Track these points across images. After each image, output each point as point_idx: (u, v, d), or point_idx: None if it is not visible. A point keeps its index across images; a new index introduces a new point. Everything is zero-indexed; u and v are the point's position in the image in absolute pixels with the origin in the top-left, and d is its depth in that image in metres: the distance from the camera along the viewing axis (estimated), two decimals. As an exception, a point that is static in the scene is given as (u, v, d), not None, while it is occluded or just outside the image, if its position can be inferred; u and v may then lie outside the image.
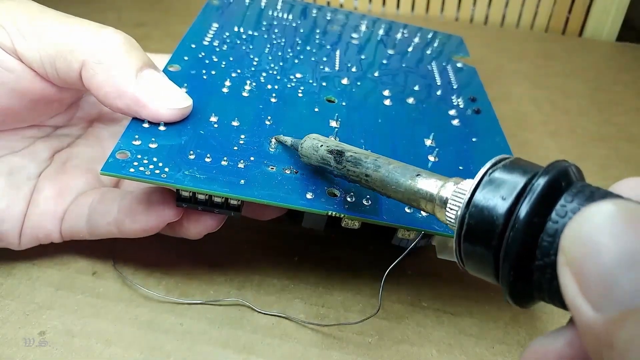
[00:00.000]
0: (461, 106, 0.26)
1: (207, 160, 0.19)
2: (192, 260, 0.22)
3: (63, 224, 0.21)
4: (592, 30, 0.51)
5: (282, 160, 0.20)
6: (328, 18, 0.32)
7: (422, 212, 0.18)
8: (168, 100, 0.19)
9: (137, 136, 0.19)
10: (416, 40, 0.33)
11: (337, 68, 0.27)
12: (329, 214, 0.18)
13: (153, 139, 0.19)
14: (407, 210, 0.19)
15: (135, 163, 0.18)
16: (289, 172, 0.19)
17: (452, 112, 0.25)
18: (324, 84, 0.25)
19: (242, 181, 0.18)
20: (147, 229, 0.19)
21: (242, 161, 0.19)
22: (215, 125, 0.20)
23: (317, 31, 0.30)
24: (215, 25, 0.28)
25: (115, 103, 0.19)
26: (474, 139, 0.24)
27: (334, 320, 0.20)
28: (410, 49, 0.31)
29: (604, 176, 0.30)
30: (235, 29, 0.28)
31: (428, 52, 0.31)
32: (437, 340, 0.20)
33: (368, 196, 0.19)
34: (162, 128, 0.19)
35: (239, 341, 0.19)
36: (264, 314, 0.20)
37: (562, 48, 0.47)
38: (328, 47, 0.29)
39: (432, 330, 0.20)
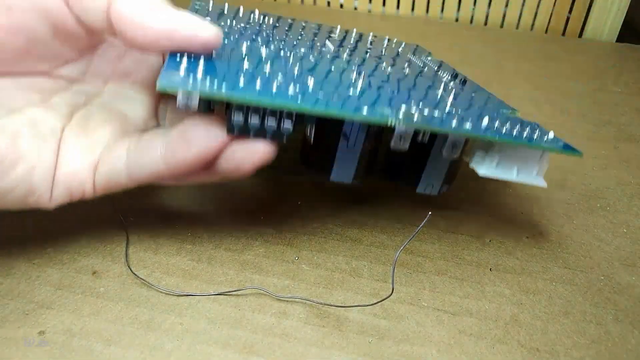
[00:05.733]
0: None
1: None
2: (192, 260, 0.22)
3: (97, 173, 0.20)
4: (592, 31, 0.51)
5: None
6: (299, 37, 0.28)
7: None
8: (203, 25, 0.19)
9: (180, 59, 0.18)
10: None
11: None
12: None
13: (199, 59, 0.18)
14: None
15: (190, 79, 0.17)
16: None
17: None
18: None
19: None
20: (205, 151, 0.18)
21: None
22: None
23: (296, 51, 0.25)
24: None
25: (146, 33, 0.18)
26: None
27: (334, 321, 0.20)
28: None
29: (604, 176, 0.30)
30: None
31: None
32: (437, 340, 0.20)
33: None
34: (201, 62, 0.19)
35: (239, 341, 0.19)
36: (281, 299, 0.20)
37: (562, 49, 0.48)
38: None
39: (432, 330, 0.20)
